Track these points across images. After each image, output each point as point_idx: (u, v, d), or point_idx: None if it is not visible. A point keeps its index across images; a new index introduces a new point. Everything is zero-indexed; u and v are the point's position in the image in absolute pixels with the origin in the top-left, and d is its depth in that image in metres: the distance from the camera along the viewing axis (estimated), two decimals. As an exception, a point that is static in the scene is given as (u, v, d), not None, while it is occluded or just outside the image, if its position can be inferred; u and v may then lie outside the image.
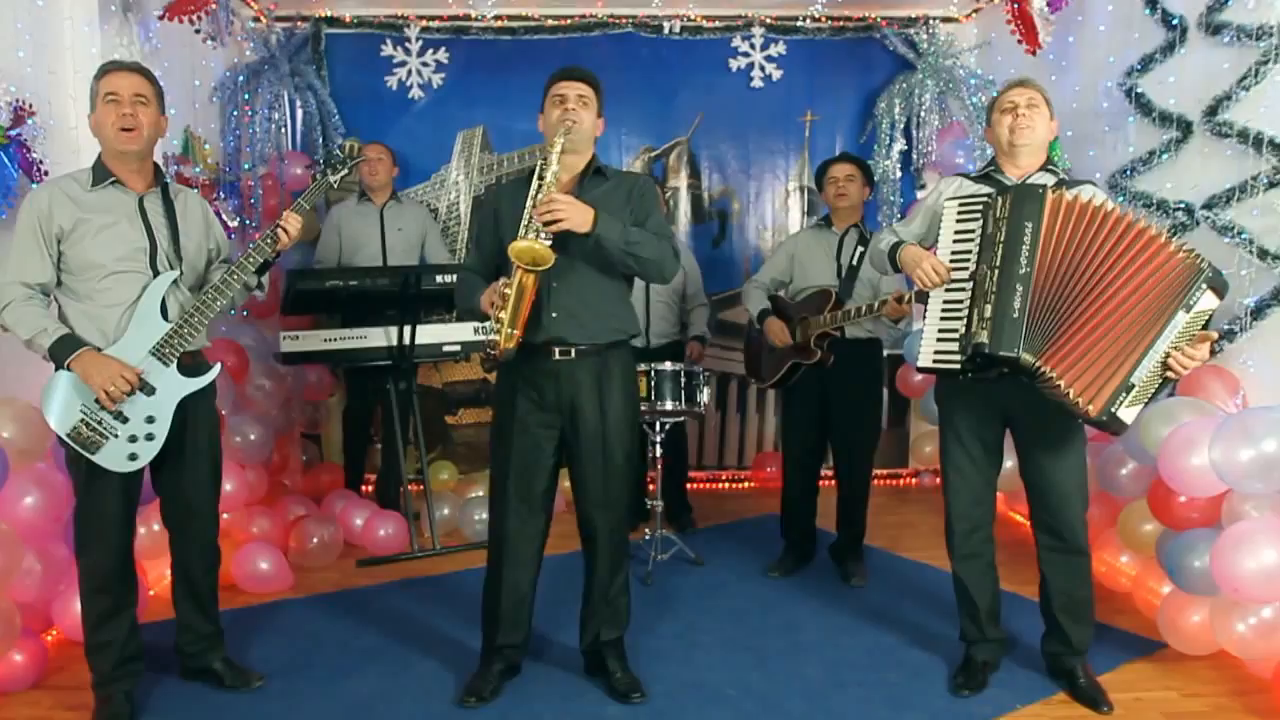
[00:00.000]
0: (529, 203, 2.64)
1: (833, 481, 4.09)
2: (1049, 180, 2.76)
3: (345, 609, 3.68)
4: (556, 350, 2.75)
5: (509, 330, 2.59)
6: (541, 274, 2.58)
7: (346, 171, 3.10)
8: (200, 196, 2.98)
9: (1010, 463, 2.92)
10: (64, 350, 2.55)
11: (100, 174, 2.66)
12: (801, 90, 5.53)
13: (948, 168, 5.31)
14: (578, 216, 2.61)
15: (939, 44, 5.28)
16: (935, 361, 2.69)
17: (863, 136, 5.50)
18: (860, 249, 3.90)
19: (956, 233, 2.72)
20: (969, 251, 2.67)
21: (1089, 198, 2.58)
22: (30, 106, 3.19)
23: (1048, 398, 2.55)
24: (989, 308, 2.54)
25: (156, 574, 3.74)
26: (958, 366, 2.63)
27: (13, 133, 3.12)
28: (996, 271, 2.55)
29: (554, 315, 2.70)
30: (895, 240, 2.93)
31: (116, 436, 2.60)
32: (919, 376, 5.29)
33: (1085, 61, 4.29)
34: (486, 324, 2.84)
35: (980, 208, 2.66)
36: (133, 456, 2.63)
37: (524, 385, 2.78)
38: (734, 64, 5.47)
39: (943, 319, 2.70)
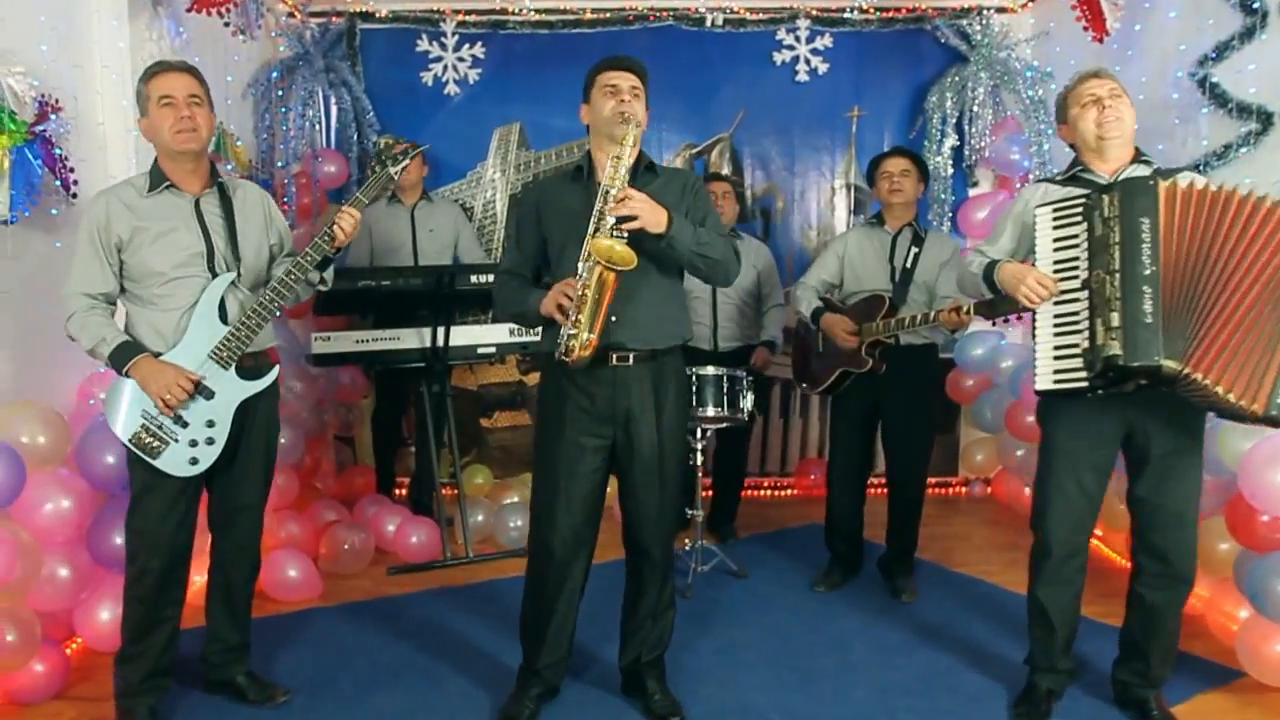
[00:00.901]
0: (599, 200, 2.48)
1: (878, 489, 3.89)
2: (1145, 172, 2.56)
3: (375, 619, 3.57)
4: (614, 356, 2.60)
5: (587, 335, 2.45)
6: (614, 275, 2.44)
7: (408, 162, 3.01)
8: (261, 190, 2.89)
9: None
10: (122, 358, 2.53)
11: (156, 179, 2.63)
12: (848, 84, 5.34)
13: (1001, 164, 5.11)
14: (652, 216, 2.47)
15: (993, 35, 5.06)
16: (1058, 382, 2.48)
17: (912, 132, 5.30)
18: (915, 250, 3.71)
19: (1056, 240, 2.52)
20: (1075, 259, 2.46)
21: (1205, 182, 2.38)
22: (56, 102, 3.11)
23: (1197, 405, 2.37)
24: (1115, 316, 2.35)
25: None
26: (1085, 384, 2.43)
27: (38, 129, 3.04)
28: (1117, 276, 2.36)
29: (613, 319, 2.54)
30: (989, 260, 2.72)
31: (177, 441, 2.56)
32: (970, 382, 5.11)
33: (1153, 50, 4.06)
34: (533, 328, 2.74)
35: (1079, 210, 2.46)
36: (194, 461, 2.59)
37: (575, 392, 2.62)
38: (778, 57, 5.30)
39: (1057, 334, 2.49)
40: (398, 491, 5.06)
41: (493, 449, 5.50)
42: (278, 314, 2.67)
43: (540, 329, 2.72)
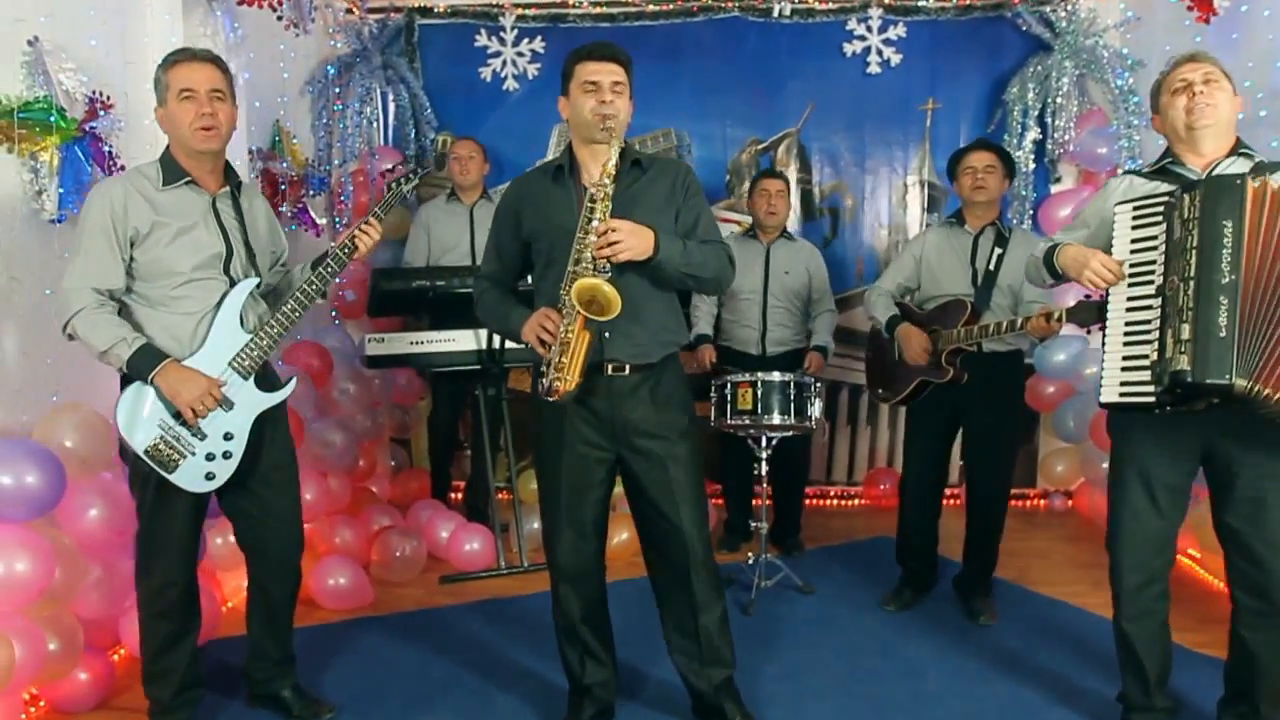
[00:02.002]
0: (579, 230, 2.32)
1: (951, 499, 3.67)
2: (1243, 167, 2.31)
3: (425, 630, 3.45)
4: (609, 367, 2.45)
5: (570, 377, 2.31)
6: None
7: (417, 181, 2.88)
8: (260, 194, 2.80)
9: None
10: (146, 362, 2.36)
11: (173, 172, 2.47)
12: (923, 76, 5.09)
13: (1086, 159, 4.83)
14: (639, 244, 2.32)
15: (1079, 22, 4.77)
16: (1123, 395, 2.27)
17: (990, 125, 5.03)
18: (999, 251, 3.46)
19: (1134, 241, 2.30)
20: (1152, 263, 2.25)
21: None
22: (108, 99, 3.05)
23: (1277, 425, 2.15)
24: (1186, 327, 2.13)
25: (233, 586, 3.58)
26: (1152, 399, 2.21)
27: (88, 126, 2.98)
28: (1191, 284, 2.14)
29: (605, 335, 2.40)
30: (1052, 243, 2.52)
31: (194, 454, 2.43)
32: (1051, 389, 4.84)
33: (1261, 34, 3.75)
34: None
35: (1160, 209, 2.24)
36: (210, 476, 2.46)
37: (575, 402, 2.46)
38: (849, 49, 5.08)
39: (1127, 344, 2.28)
40: (453, 496, 4.96)
41: (550, 453, 5.35)
42: (298, 323, 2.56)
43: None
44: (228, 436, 2.47)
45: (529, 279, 2.64)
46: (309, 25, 4.05)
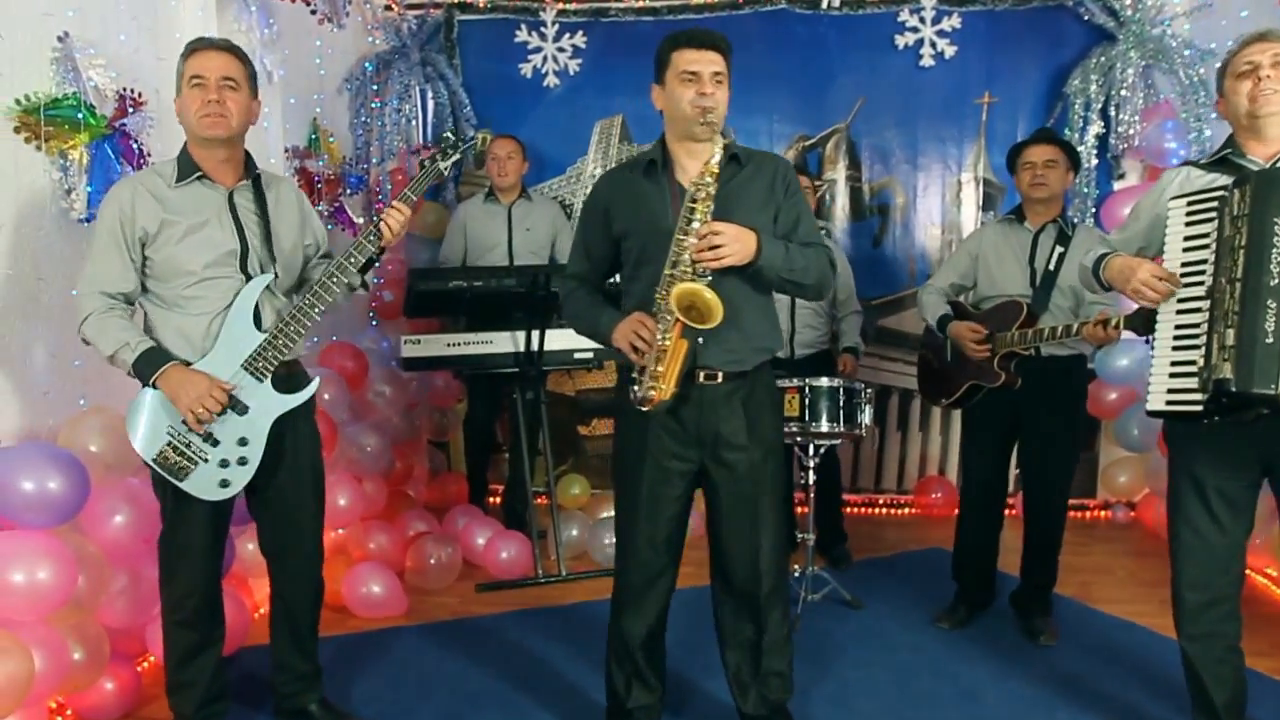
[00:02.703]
0: (678, 232, 2.19)
1: (1008, 510, 3.49)
2: None
3: (460, 641, 3.35)
4: (701, 374, 2.31)
5: (666, 387, 2.19)
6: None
7: (458, 156, 2.69)
8: (294, 184, 2.69)
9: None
10: (149, 366, 2.29)
11: (186, 168, 2.40)
12: (978, 69, 4.88)
13: (1153, 154, 4.60)
14: (742, 248, 2.19)
15: (1145, 9, 4.54)
16: (1170, 404, 2.13)
17: (1050, 119, 4.80)
18: (1060, 250, 3.26)
19: (1187, 239, 2.15)
20: (1203, 262, 2.11)
21: None
22: (139, 96, 2.99)
23: None
24: (1230, 333, 1.99)
25: (264, 593, 3.50)
26: (1199, 409, 2.07)
27: (118, 123, 2.91)
28: (1238, 285, 2.00)
29: (700, 341, 2.26)
30: (1100, 251, 2.34)
31: (206, 461, 2.34)
32: (1113, 395, 4.62)
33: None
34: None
35: (1215, 204, 2.08)
36: (224, 483, 2.36)
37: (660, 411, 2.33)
38: (900, 41, 4.89)
39: (1176, 349, 2.14)
40: (491, 500, 4.87)
41: (590, 458, 5.25)
42: (318, 319, 2.44)
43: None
44: (242, 442, 2.37)
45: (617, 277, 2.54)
46: (343, 19, 3.98)
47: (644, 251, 2.34)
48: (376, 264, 2.56)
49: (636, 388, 2.25)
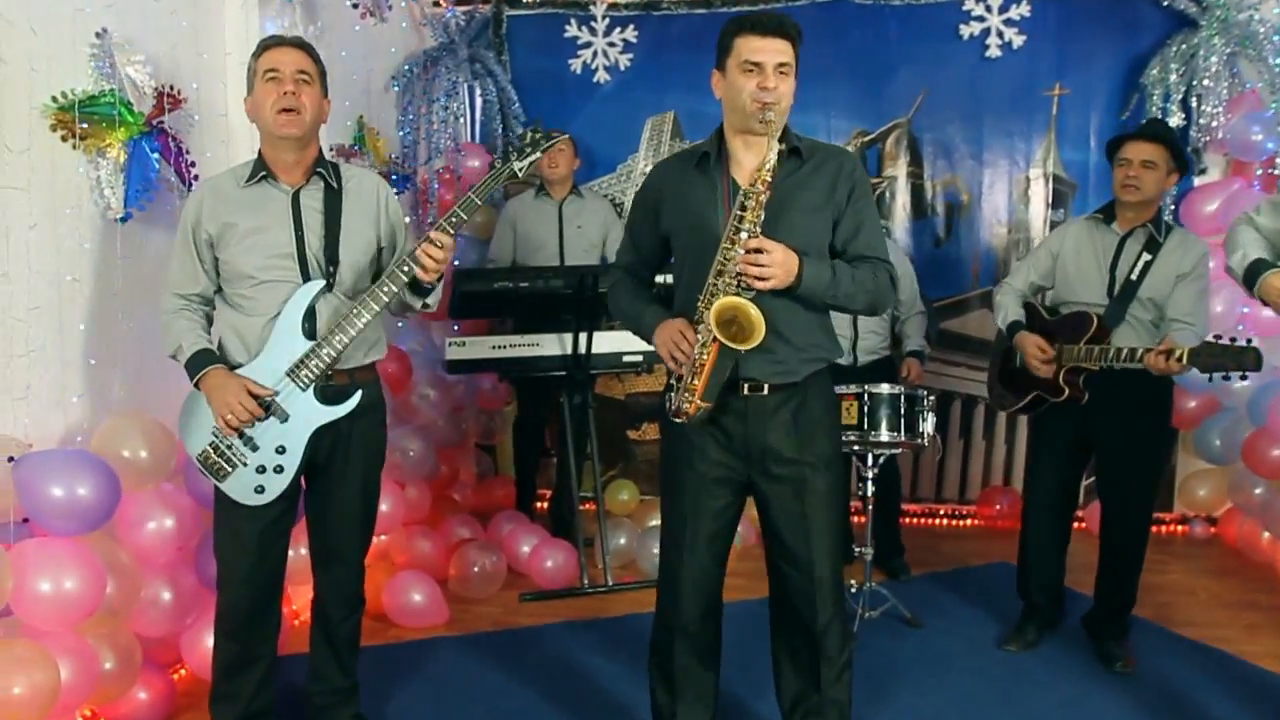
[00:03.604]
0: (725, 239, 2.05)
1: (1079, 523, 3.28)
2: None
3: (502, 653, 3.25)
4: (745, 386, 2.16)
5: (701, 402, 2.07)
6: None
7: (538, 156, 2.48)
8: (380, 179, 2.59)
9: None
10: (195, 367, 2.30)
11: (257, 167, 2.37)
12: (1049, 59, 4.66)
13: (1238, 147, 4.33)
14: (785, 276, 2.04)
15: (1232, -7, 4.28)
16: None
17: (1125, 112, 4.57)
18: (1147, 258, 3.01)
19: None
20: None
21: None
22: (178, 93, 2.93)
23: None
24: None
25: (304, 600, 3.44)
26: None
27: (156, 121, 2.86)
28: None
29: (743, 350, 2.11)
30: (1252, 256, 2.13)
31: (245, 465, 2.30)
32: (1193, 403, 4.36)
33: None
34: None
35: None
36: (259, 489, 2.30)
37: (706, 422, 2.19)
38: (965, 30, 4.68)
39: None
40: (539, 505, 4.77)
41: (640, 463, 5.13)
42: (362, 331, 2.32)
43: None
44: (280, 450, 2.30)
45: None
46: (385, 13, 3.89)
47: (688, 250, 2.21)
48: (434, 289, 2.41)
49: (673, 395, 2.14)
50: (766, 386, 2.16)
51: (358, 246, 2.42)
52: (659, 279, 2.48)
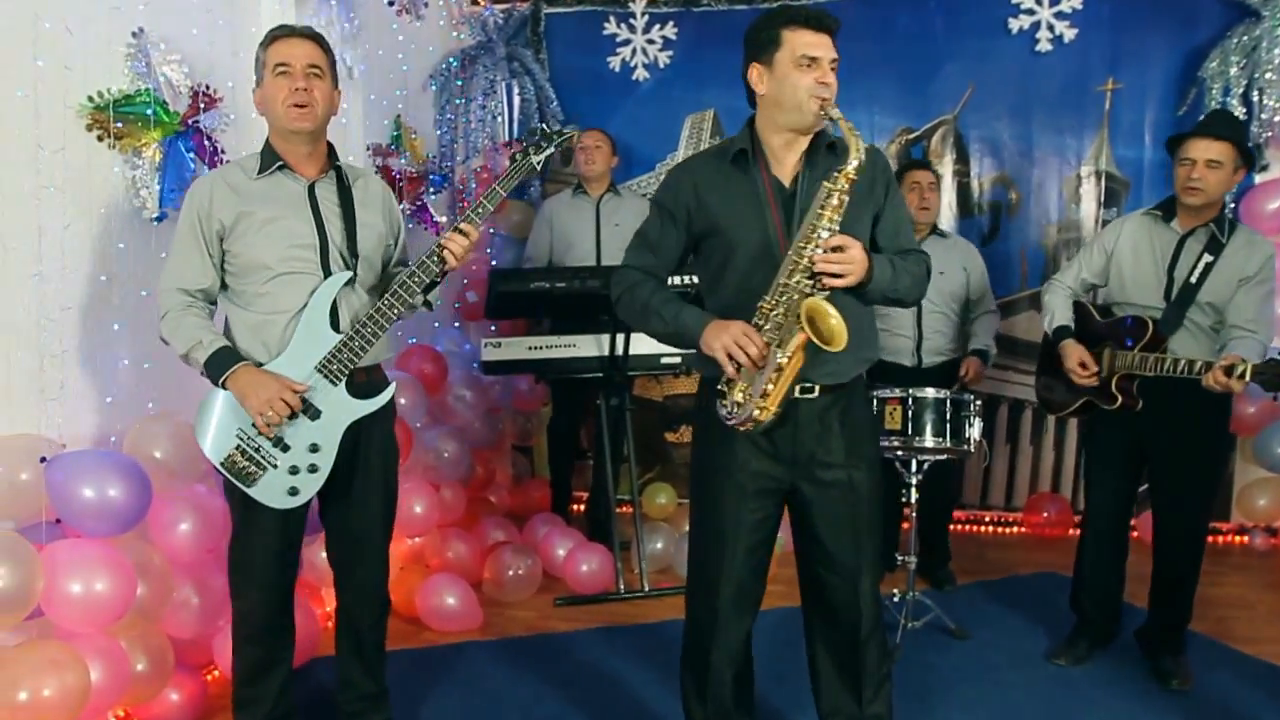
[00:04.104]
0: (801, 239, 1.96)
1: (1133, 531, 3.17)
2: None
3: (536, 659, 3.20)
4: (797, 388, 2.07)
5: (776, 410, 1.98)
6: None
7: (552, 150, 2.48)
8: (382, 180, 2.57)
9: None
10: (220, 366, 2.21)
11: (268, 159, 2.31)
12: (1101, 52, 4.51)
13: (1301, 142, 4.15)
14: (861, 271, 1.98)
15: (1295, -18, 4.12)
16: None
17: (1182, 107, 4.41)
18: (1208, 259, 2.86)
19: None
20: None
21: None
22: (214, 92, 2.92)
23: None
24: None
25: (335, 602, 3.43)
26: None
27: (192, 120, 2.85)
28: None
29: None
30: None
31: (276, 467, 2.24)
32: (1252, 409, 4.20)
33: None
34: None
35: None
36: (293, 491, 2.25)
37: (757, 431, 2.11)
38: (1014, 24, 4.56)
39: None
40: (575, 508, 4.72)
41: (678, 465, 5.06)
42: (391, 326, 2.32)
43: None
44: (314, 448, 2.25)
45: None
46: (421, 11, 3.87)
47: (729, 252, 2.13)
48: (441, 284, 2.40)
49: (726, 403, 2.03)
50: (818, 388, 2.09)
51: (372, 242, 2.39)
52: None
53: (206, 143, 2.88)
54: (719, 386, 2.07)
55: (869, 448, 2.20)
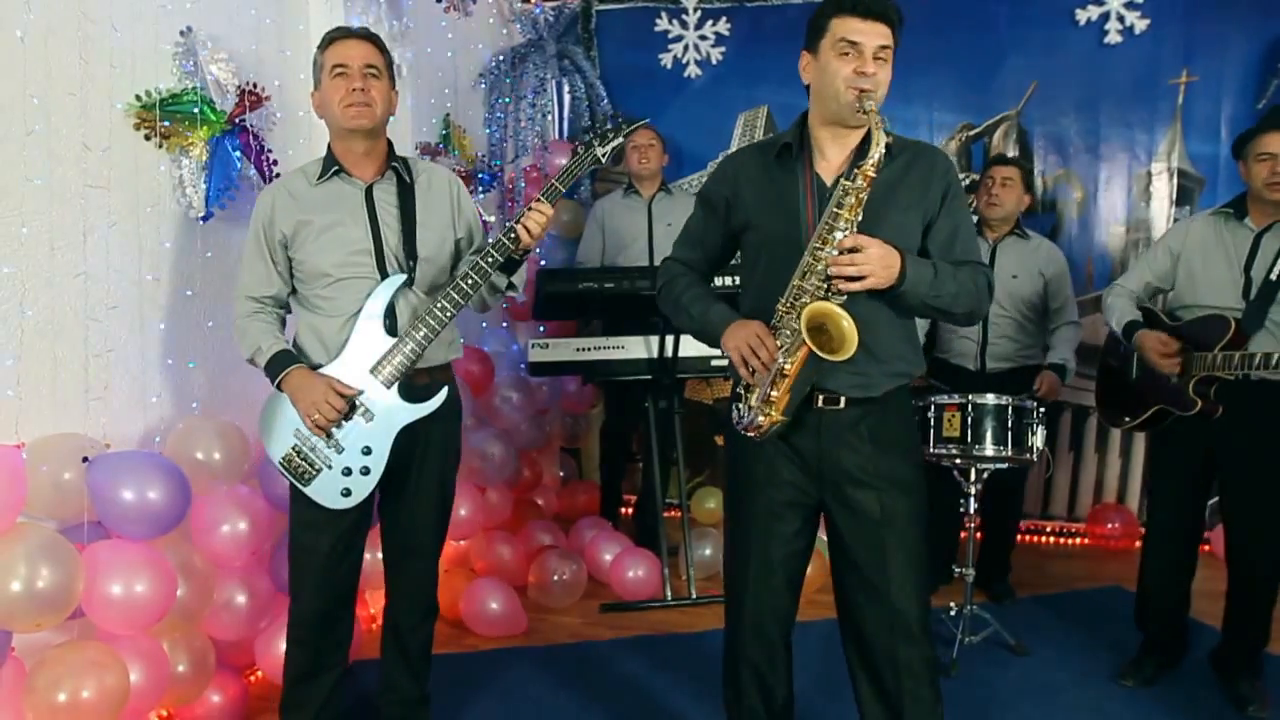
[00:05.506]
0: (817, 238, 1.87)
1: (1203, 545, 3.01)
2: None
3: (579, 667, 3.14)
4: (820, 398, 1.98)
5: (778, 416, 1.90)
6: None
7: (619, 141, 2.41)
8: (450, 173, 2.52)
9: None
10: (276, 368, 2.26)
11: (327, 163, 2.32)
12: (1174, 44, 4.34)
13: (1391, 137, 3.92)
14: (884, 272, 1.86)
15: (1386, -34, 3.90)
16: None
17: (1261, 101, 4.21)
18: None
19: None
20: None
21: None
22: (261, 90, 2.90)
23: None
24: None
25: (381, 606, 3.39)
26: None
27: (239, 119, 2.83)
28: None
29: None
30: None
31: (330, 468, 2.24)
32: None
33: None
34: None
35: None
36: (346, 492, 2.25)
37: (776, 437, 2.01)
38: (1081, 15, 4.39)
39: None
40: (624, 511, 4.65)
41: (728, 469, 4.96)
42: (448, 324, 2.27)
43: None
44: (366, 451, 2.25)
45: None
46: (470, 7, 3.83)
47: (763, 251, 2.04)
48: (521, 264, 2.36)
49: (740, 406, 1.96)
50: (843, 400, 1.98)
51: (433, 242, 2.36)
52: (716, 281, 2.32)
53: (253, 142, 2.86)
54: (738, 389, 1.99)
55: (905, 469, 2.04)
